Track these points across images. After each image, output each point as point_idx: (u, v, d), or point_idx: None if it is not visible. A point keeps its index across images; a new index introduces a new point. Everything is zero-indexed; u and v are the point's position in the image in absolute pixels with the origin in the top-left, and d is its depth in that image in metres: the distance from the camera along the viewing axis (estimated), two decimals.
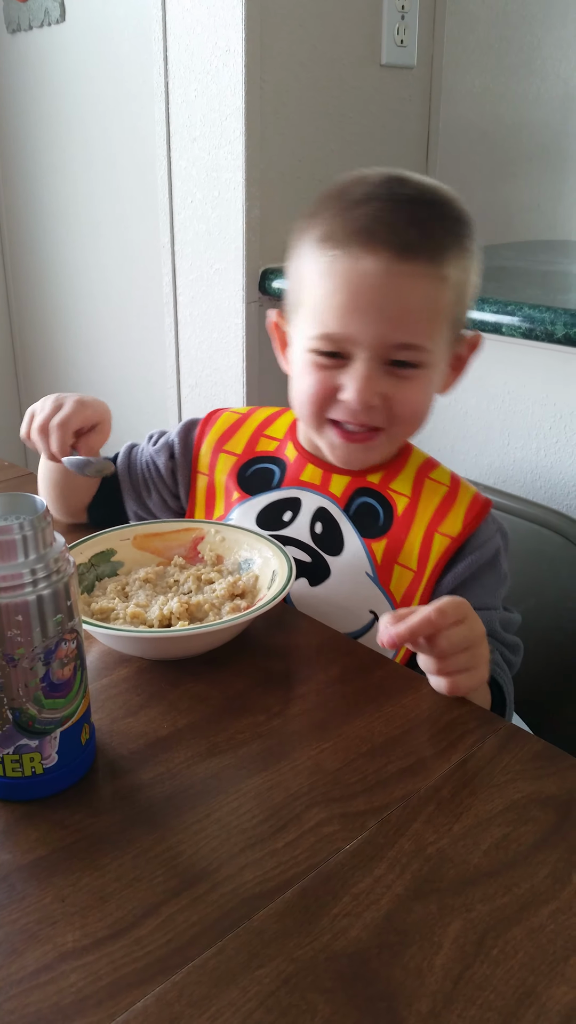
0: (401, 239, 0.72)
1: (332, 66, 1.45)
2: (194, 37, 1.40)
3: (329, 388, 0.78)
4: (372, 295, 0.73)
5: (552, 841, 0.52)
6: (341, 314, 0.74)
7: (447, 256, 0.74)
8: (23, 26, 1.92)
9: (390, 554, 0.82)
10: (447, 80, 1.64)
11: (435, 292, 0.75)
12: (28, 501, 0.54)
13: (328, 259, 0.74)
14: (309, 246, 0.77)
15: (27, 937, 0.46)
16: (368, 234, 0.72)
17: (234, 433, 0.91)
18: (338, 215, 0.75)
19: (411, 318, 0.74)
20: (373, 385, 0.75)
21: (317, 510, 0.85)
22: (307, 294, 0.78)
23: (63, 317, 2.13)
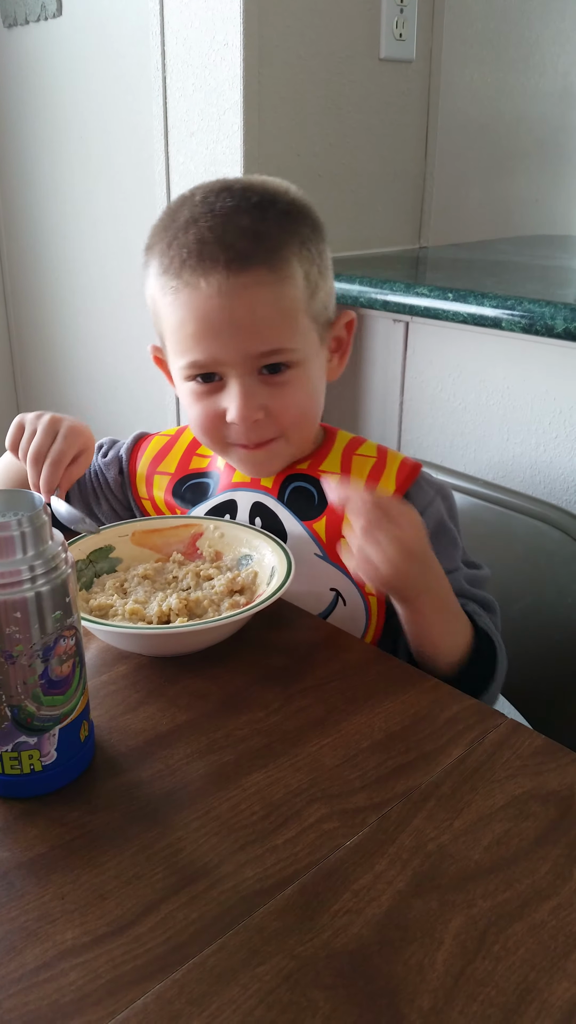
0: (231, 253, 0.73)
1: (331, 60, 1.45)
2: (192, 31, 1.40)
3: (215, 414, 0.79)
4: (218, 316, 0.74)
5: (553, 837, 0.52)
6: (197, 341, 0.76)
7: (284, 254, 0.75)
8: (19, 20, 1.92)
9: (332, 530, 0.83)
10: (446, 74, 1.63)
11: (281, 293, 0.75)
12: (26, 498, 0.53)
13: (170, 293, 0.76)
14: (153, 280, 0.79)
15: (26, 935, 0.45)
16: (196, 258, 0.73)
17: (166, 454, 0.92)
18: (169, 245, 0.76)
19: (264, 325, 0.75)
20: (252, 400, 0.77)
21: (253, 505, 0.86)
22: (165, 326, 0.79)
23: (61, 314, 2.13)
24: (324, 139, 1.49)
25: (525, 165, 1.92)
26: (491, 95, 1.77)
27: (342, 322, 0.85)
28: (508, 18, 1.74)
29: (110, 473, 0.94)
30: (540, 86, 1.87)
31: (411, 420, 1.38)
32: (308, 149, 1.47)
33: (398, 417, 1.39)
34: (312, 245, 0.78)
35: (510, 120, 1.84)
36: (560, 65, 1.89)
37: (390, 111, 1.57)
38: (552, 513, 1.01)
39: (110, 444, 0.97)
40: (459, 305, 1.18)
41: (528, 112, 1.87)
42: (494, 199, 1.88)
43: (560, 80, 1.91)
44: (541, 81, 1.87)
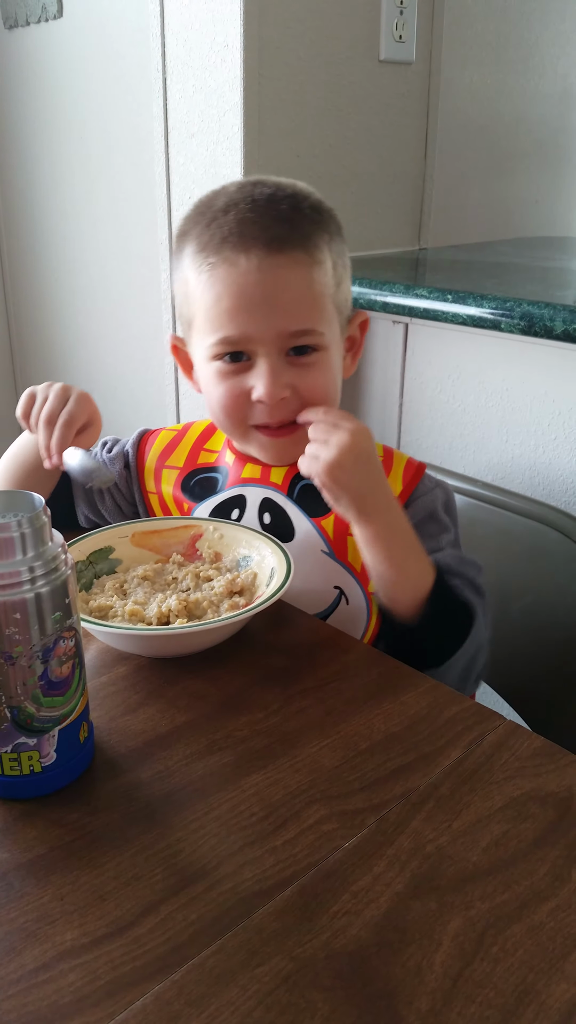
0: (269, 234, 0.76)
1: (331, 62, 1.45)
2: (192, 32, 1.40)
3: (240, 393, 0.80)
4: (255, 292, 0.77)
5: (551, 838, 0.52)
6: (232, 316, 0.77)
7: (316, 242, 0.79)
8: (20, 21, 1.92)
9: (340, 528, 0.84)
10: (446, 76, 1.63)
11: (313, 276, 0.78)
12: (26, 498, 0.53)
13: (207, 269, 0.78)
14: (187, 263, 0.81)
15: (25, 936, 0.45)
16: (238, 236, 0.76)
17: (174, 448, 0.93)
18: (207, 227, 0.79)
19: (297, 305, 0.78)
20: (279, 378, 0.78)
21: (263, 501, 0.86)
22: (196, 308, 0.81)
23: (61, 314, 2.13)
24: (324, 140, 1.49)
25: (525, 166, 1.92)
26: (491, 96, 1.77)
27: (356, 321, 0.88)
28: (508, 20, 1.75)
29: (115, 468, 0.94)
30: (540, 88, 1.87)
31: (410, 421, 1.38)
32: (308, 150, 1.47)
33: (397, 418, 1.39)
34: (337, 241, 0.82)
35: (510, 121, 1.84)
36: (560, 67, 1.89)
37: (390, 112, 1.57)
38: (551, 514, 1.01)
39: (113, 441, 0.97)
40: (458, 307, 1.18)
41: (528, 113, 1.87)
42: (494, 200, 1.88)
43: (560, 82, 1.91)
44: (541, 83, 1.87)
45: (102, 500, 0.95)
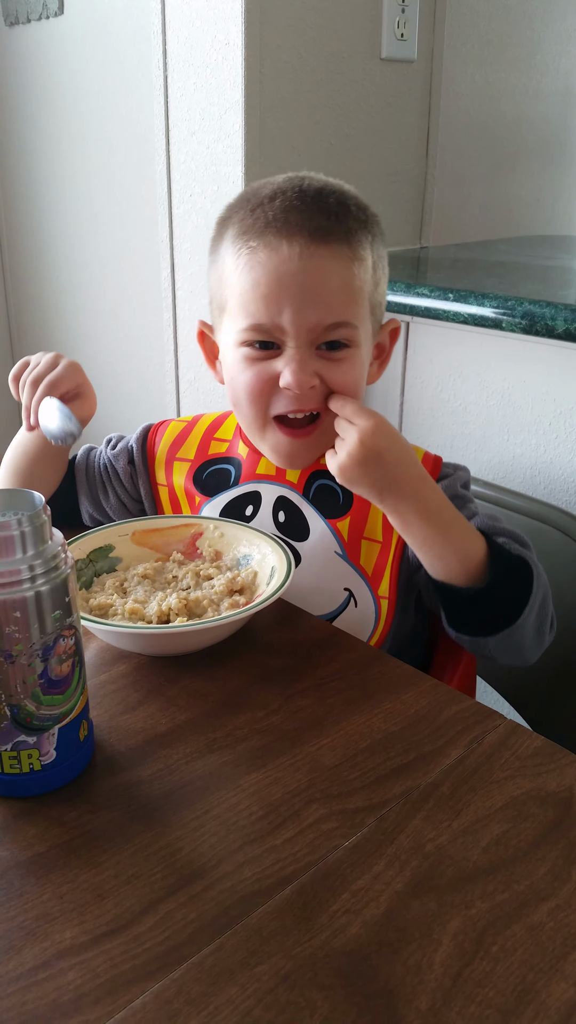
0: (314, 224, 0.76)
1: (332, 60, 1.45)
2: (193, 30, 1.40)
3: (266, 379, 0.79)
4: (294, 279, 0.76)
5: (552, 838, 0.52)
6: (268, 302, 0.76)
7: (360, 238, 0.78)
8: (21, 19, 1.92)
9: (355, 530, 0.83)
10: (447, 74, 1.63)
11: (353, 271, 0.78)
12: (26, 497, 0.53)
13: (247, 253, 0.77)
14: (226, 248, 0.80)
15: (25, 934, 0.45)
16: (282, 222, 0.76)
17: (184, 440, 0.92)
18: (249, 214, 0.78)
19: (334, 297, 0.77)
20: (307, 366, 0.77)
21: (277, 499, 0.86)
22: (230, 292, 0.80)
23: (62, 312, 2.13)
24: (325, 139, 1.49)
25: (526, 165, 1.91)
26: (492, 95, 1.77)
27: (387, 328, 0.87)
28: (509, 18, 1.74)
29: (119, 463, 0.94)
30: (541, 86, 1.87)
31: (411, 420, 1.38)
32: (309, 148, 1.47)
33: (399, 417, 1.39)
34: (379, 244, 0.82)
35: (511, 120, 1.84)
36: (562, 65, 1.89)
37: (391, 111, 1.57)
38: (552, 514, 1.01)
39: (118, 438, 0.97)
40: (460, 305, 1.18)
41: (529, 112, 1.87)
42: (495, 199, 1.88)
43: (562, 80, 1.91)
44: (543, 81, 1.86)
45: (106, 497, 0.95)
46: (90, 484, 0.95)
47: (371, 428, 0.74)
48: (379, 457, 0.74)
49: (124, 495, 0.95)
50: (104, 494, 0.95)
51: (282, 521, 0.85)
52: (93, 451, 0.98)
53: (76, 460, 0.96)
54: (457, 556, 0.75)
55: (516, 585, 0.76)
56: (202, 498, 0.89)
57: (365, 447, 0.73)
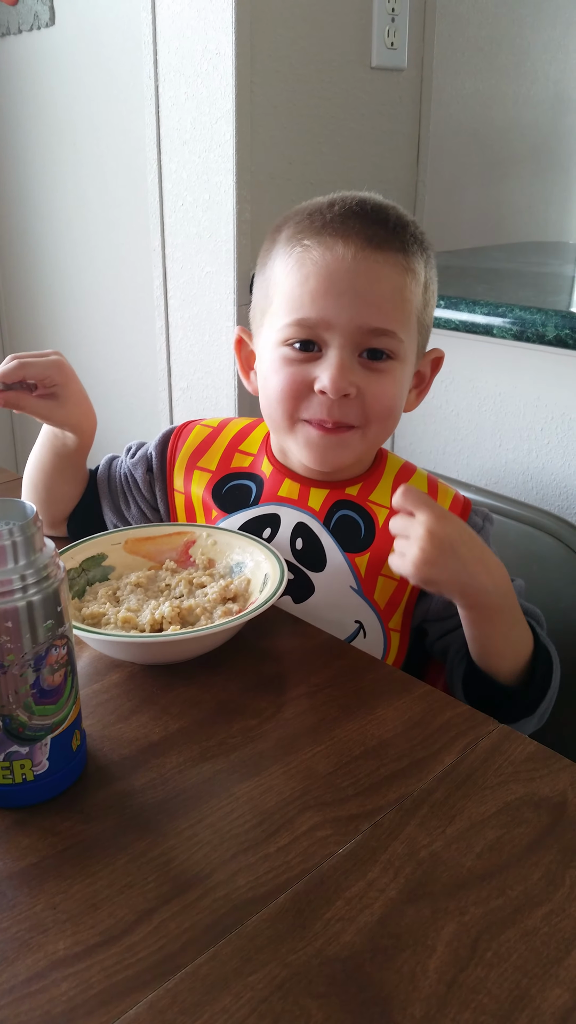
0: (371, 231, 0.75)
1: (322, 68, 1.45)
2: (184, 40, 1.40)
3: (302, 381, 0.77)
4: (345, 279, 0.74)
5: (545, 843, 0.52)
6: (315, 298, 0.75)
7: (414, 253, 0.78)
8: (12, 30, 1.92)
9: (374, 567, 0.82)
10: (438, 82, 1.64)
11: (404, 281, 0.77)
12: (18, 506, 0.53)
13: (299, 251, 0.76)
14: (277, 251, 0.79)
15: (18, 945, 0.45)
16: (339, 224, 0.75)
17: (207, 448, 0.90)
18: (307, 217, 0.78)
19: (384, 303, 0.76)
20: (347, 373, 0.75)
21: (297, 525, 0.84)
22: (277, 291, 0.78)
23: (54, 321, 2.13)
24: (316, 147, 1.50)
25: (517, 172, 1.92)
26: (483, 103, 1.78)
27: (430, 357, 0.85)
28: (499, 26, 1.75)
29: (138, 472, 0.92)
30: (531, 93, 1.88)
31: (404, 426, 1.38)
32: (300, 157, 1.48)
33: None
34: (432, 269, 0.81)
35: (502, 127, 1.85)
36: (551, 72, 1.90)
37: (382, 119, 1.58)
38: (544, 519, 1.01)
39: (138, 446, 0.95)
40: (451, 312, 1.18)
41: (520, 119, 1.88)
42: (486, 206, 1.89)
43: (551, 87, 1.92)
44: (532, 88, 1.88)
45: (127, 507, 0.94)
46: (112, 495, 0.94)
47: (437, 517, 0.68)
48: (453, 548, 0.68)
49: (144, 504, 0.93)
50: (125, 504, 0.94)
51: (299, 548, 0.83)
52: (115, 461, 0.96)
53: (98, 471, 0.95)
54: (513, 657, 0.74)
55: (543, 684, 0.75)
56: (220, 513, 0.87)
57: (437, 539, 0.67)
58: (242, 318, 1.48)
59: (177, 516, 0.91)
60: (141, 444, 0.95)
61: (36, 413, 0.86)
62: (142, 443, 0.96)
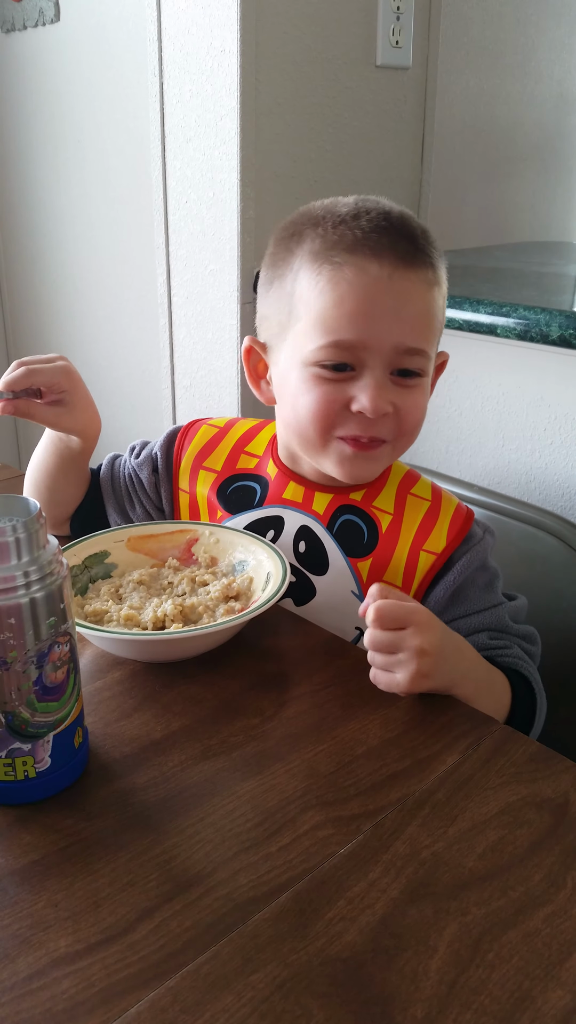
0: (402, 247, 0.74)
1: (327, 67, 1.45)
2: (189, 37, 1.40)
3: (337, 400, 0.76)
4: (382, 299, 0.73)
5: (547, 844, 0.52)
6: (352, 319, 0.74)
7: (438, 266, 0.78)
8: (17, 26, 1.92)
9: (375, 573, 0.82)
10: (442, 81, 1.64)
11: (433, 296, 0.77)
12: (21, 503, 0.53)
13: (330, 269, 0.74)
14: (300, 263, 0.77)
15: (19, 942, 0.45)
16: (373, 242, 0.74)
17: (213, 449, 0.90)
18: (333, 228, 0.76)
19: (419, 322, 0.75)
20: (385, 393, 0.75)
21: (300, 528, 0.84)
22: (306, 308, 0.77)
23: (57, 318, 2.13)
24: (320, 145, 1.49)
25: (521, 171, 1.92)
26: (487, 102, 1.78)
27: (437, 361, 0.84)
28: (504, 25, 1.75)
29: (143, 473, 0.92)
30: (536, 93, 1.87)
31: None
32: (304, 155, 1.47)
33: None
34: (446, 273, 0.81)
35: (506, 126, 1.84)
36: (555, 72, 1.90)
37: (386, 118, 1.57)
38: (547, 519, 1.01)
39: (142, 445, 0.95)
40: (454, 311, 1.18)
41: (524, 118, 1.87)
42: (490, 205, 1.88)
43: (555, 87, 1.91)
44: (537, 88, 1.87)
45: (132, 507, 0.94)
46: (116, 495, 0.94)
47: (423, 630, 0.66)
48: (443, 655, 0.67)
49: (149, 505, 0.93)
50: (130, 504, 0.94)
51: (302, 552, 0.83)
52: (117, 460, 0.96)
53: (101, 471, 0.95)
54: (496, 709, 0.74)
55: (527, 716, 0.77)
56: (224, 513, 0.87)
57: (430, 654, 0.65)
58: (246, 316, 1.48)
59: (182, 515, 0.91)
60: (145, 443, 0.95)
61: (44, 421, 0.85)
62: (146, 442, 0.95)
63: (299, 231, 0.79)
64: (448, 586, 0.81)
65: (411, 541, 0.81)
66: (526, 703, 0.77)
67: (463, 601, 0.81)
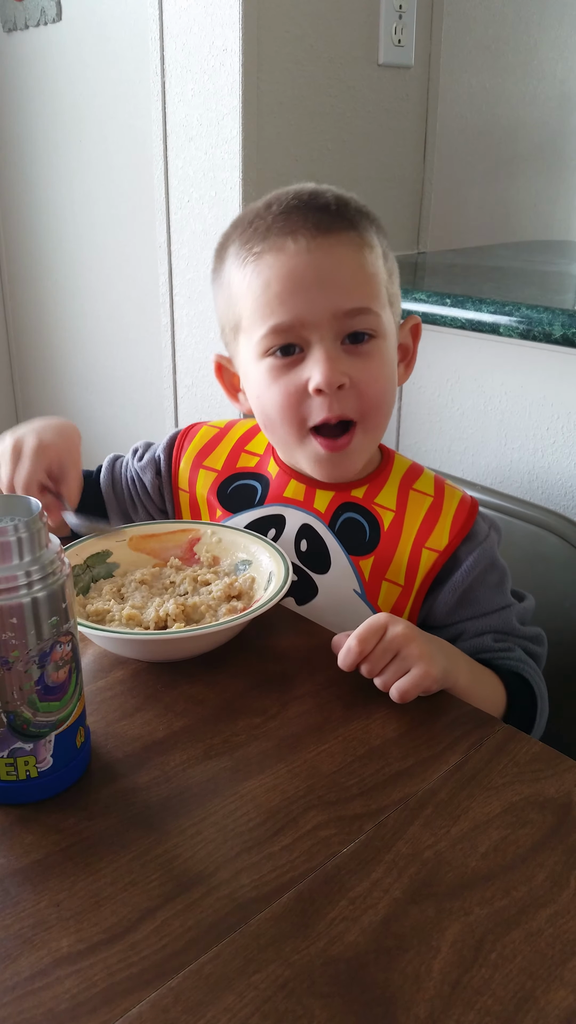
0: (317, 218, 0.75)
1: (329, 66, 1.45)
2: (191, 36, 1.40)
3: (296, 388, 0.76)
4: (305, 272, 0.74)
5: (550, 844, 0.52)
6: (283, 300, 0.75)
7: (365, 227, 0.77)
8: (19, 25, 1.92)
9: (378, 571, 0.81)
10: (444, 80, 1.63)
11: (365, 256, 0.76)
12: (23, 502, 0.53)
13: (252, 260, 0.76)
14: (229, 266, 0.79)
15: (21, 942, 0.45)
16: (283, 222, 0.75)
17: (213, 448, 0.90)
18: (248, 226, 0.77)
19: (351, 283, 0.75)
20: (336, 364, 0.75)
21: (302, 527, 0.83)
22: (242, 304, 0.78)
23: (59, 317, 2.13)
24: (322, 145, 1.49)
25: (523, 170, 1.92)
26: (489, 101, 1.77)
27: (407, 327, 0.84)
28: (506, 24, 1.75)
29: (147, 477, 0.91)
30: (538, 92, 1.87)
31: (409, 425, 1.38)
32: (306, 154, 1.47)
33: (396, 422, 1.39)
34: (383, 238, 0.80)
35: (508, 126, 1.84)
36: (558, 71, 1.89)
37: (388, 117, 1.57)
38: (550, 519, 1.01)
39: (145, 447, 0.94)
40: (457, 311, 1.18)
41: (526, 118, 1.87)
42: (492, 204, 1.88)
43: (558, 86, 1.91)
44: (539, 87, 1.87)
45: (135, 511, 0.93)
46: (119, 499, 0.93)
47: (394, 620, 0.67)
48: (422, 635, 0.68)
49: (152, 508, 0.93)
50: (133, 508, 0.93)
51: (304, 550, 0.83)
52: (118, 462, 0.95)
53: (101, 475, 0.94)
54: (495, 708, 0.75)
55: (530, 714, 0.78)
56: (224, 513, 0.87)
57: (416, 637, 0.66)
58: None
59: (182, 515, 0.91)
60: (148, 445, 0.95)
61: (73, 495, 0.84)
62: (149, 444, 0.95)
63: (225, 239, 0.81)
64: (456, 587, 0.80)
65: (413, 539, 0.81)
66: (525, 706, 0.77)
67: (472, 603, 0.81)
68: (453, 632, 0.81)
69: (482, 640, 0.79)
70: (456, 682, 0.69)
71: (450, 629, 0.81)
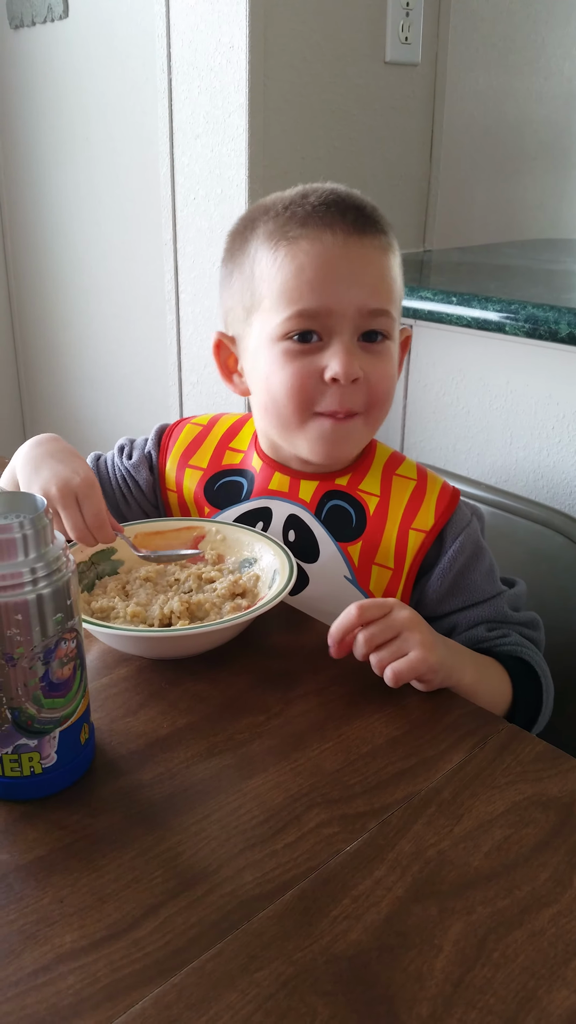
0: (353, 217, 0.77)
1: (336, 63, 1.45)
2: (197, 33, 1.40)
3: (310, 373, 0.77)
4: (340, 265, 0.76)
5: (553, 843, 0.52)
6: (314, 287, 0.76)
7: (389, 234, 0.80)
8: (26, 21, 1.92)
9: (366, 555, 0.82)
10: (451, 78, 1.63)
11: (390, 261, 0.80)
12: (28, 499, 0.53)
13: (286, 244, 0.77)
14: (256, 248, 0.80)
15: (25, 938, 0.45)
16: (323, 213, 0.77)
17: (198, 447, 0.90)
18: (283, 210, 0.79)
19: (378, 284, 0.78)
20: (354, 359, 0.77)
21: (288, 518, 0.84)
22: (268, 286, 0.79)
23: (65, 314, 2.13)
24: (329, 142, 1.49)
25: (530, 169, 1.91)
26: (496, 99, 1.77)
27: (401, 337, 0.85)
28: (513, 22, 1.74)
29: (140, 476, 0.91)
30: (545, 90, 1.87)
31: (414, 423, 1.38)
32: (313, 152, 1.47)
33: (401, 420, 1.39)
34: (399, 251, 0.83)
35: (515, 123, 1.83)
36: (566, 69, 1.89)
37: (395, 114, 1.57)
38: (555, 517, 1.01)
39: (130, 444, 0.94)
40: (463, 309, 1.18)
41: (533, 116, 1.87)
42: (499, 203, 1.88)
43: (565, 84, 1.90)
44: (546, 85, 1.86)
45: (127, 507, 0.93)
46: (107, 497, 0.92)
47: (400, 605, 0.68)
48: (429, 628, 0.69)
49: (145, 504, 0.93)
50: (126, 504, 0.93)
51: (292, 540, 0.84)
52: (101, 460, 0.95)
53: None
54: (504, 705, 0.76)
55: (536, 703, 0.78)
56: (212, 509, 0.88)
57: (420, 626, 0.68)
58: None
59: (172, 513, 0.91)
60: (131, 441, 0.94)
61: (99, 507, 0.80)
62: (131, 439, 0.94)
63: (251, 222, 0.82)
64: (445, 573, 0.81)
65: (399, 521, 0.82)
66: (531, 688, 0.77)
67: (463, 590, 0.81)
68: (446, 626, 0.81)
69: (476, 631, 0.80)
70: (461, 679, 0.69)
71: (443, 622, 0.82)
